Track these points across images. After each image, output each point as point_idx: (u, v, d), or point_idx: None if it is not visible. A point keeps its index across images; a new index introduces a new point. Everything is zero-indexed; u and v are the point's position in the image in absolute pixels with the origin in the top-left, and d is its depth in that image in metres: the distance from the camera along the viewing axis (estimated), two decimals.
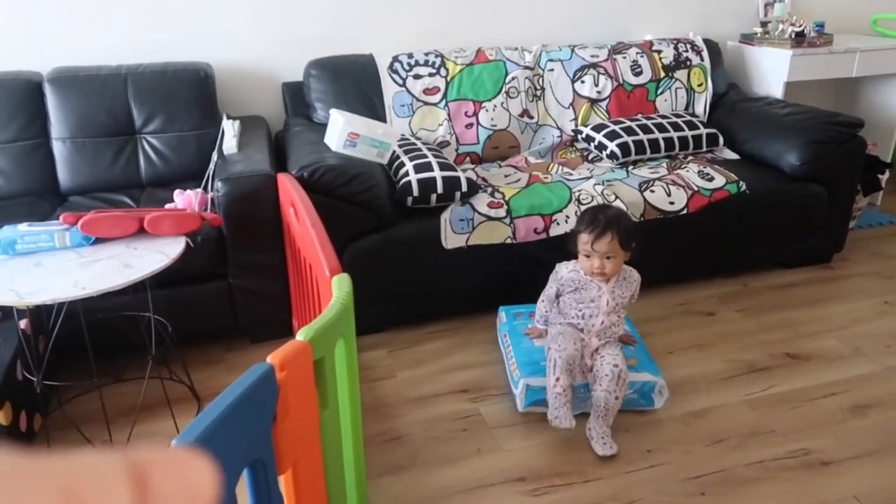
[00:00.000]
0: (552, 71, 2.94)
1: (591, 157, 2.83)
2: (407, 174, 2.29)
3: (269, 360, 1.05)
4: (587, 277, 1.95)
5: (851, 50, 3.13)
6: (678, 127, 2.83)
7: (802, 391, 2.05)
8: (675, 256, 2.59)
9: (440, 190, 2.27)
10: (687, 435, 1.86)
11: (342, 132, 2.35)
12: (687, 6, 3.33)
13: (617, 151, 2.70)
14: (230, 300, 2.20)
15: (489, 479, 1.72)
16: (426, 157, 2.37)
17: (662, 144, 2.77)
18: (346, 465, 1.42)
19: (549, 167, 2.71)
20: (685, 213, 2.47)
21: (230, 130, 2.43)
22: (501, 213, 2.33)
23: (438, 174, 2.28)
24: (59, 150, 2.47)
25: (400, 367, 2.21)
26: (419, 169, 2.30)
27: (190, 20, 2.74)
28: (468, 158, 2.81)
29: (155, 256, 1.74)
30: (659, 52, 3.06)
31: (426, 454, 1.81)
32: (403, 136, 2.67)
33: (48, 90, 2.46)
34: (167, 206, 2.16)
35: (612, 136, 2.75)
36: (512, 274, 2.36)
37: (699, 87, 3.08)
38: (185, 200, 2.14)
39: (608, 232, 1.88)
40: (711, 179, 2.55)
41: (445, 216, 2.29)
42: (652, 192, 2.47)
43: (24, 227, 1.81)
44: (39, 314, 1.99)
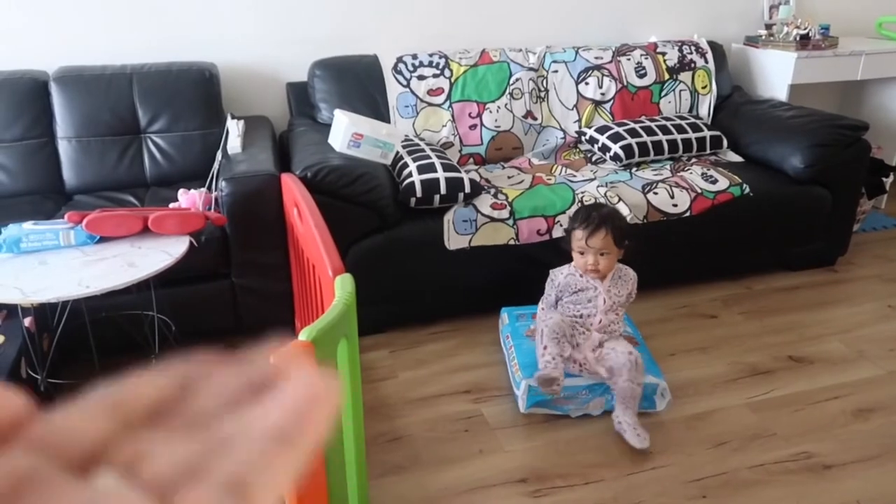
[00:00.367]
0: (556, 72, 2.94)
1: (594, 158, 2.83)
2: (410, 175, 2.30)
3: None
4: (583, 279, 1.96)
5: (856, 53, 3.12)
6: (682, 129, 2.83)
7: (805, 394, 2.05)
8: (678, 259, 2.59)
9: (443, 191, 2.27)
10: (689, 437, 1.86)
11: (346, 132, 2.36)
12: (691, 8, 3.32)
13: (620, 153, 2.70)
14: (233, 300, 2.21)
15: (491, 480, 1.72)
16: (430, 157, 2.38)
17: (666, 146, 2.77)
18: (347, 465, 1.43)
19: (552, 169, 2.71)
20: (688, 215, 2.47)
21: (234, 130, 2.43)
22: (504, 214, 2.33)
23: (442, 175, 2.29)
24: (64, 148, 2.48)
25: (402, 367, 2.21)
26: (423, 170, 2.30)
27: (195, 20, 2.75)
28: (472, 159, 2.81)
29: (159, 255, 1.75)
30: (663, 54, 3.06)
31: (428, 455, 1.81)
32: (407, 136, 2.67)
33: (54, 89, 2.47)
34: (171, 205, 2.17)
35: (615, 137, 2.75)
36: (515, 275, 2.36)
37: (703, 89, 3.08)
38: (189, 200, 2.15)
39: (602, 228, 1.90)
40: (715, 182, 2.55)
41: (449, 217, 2.30)
42: (655, 194, 2.47)
43: (29, 225, 1.82)
44: (44, 312, 2.00)
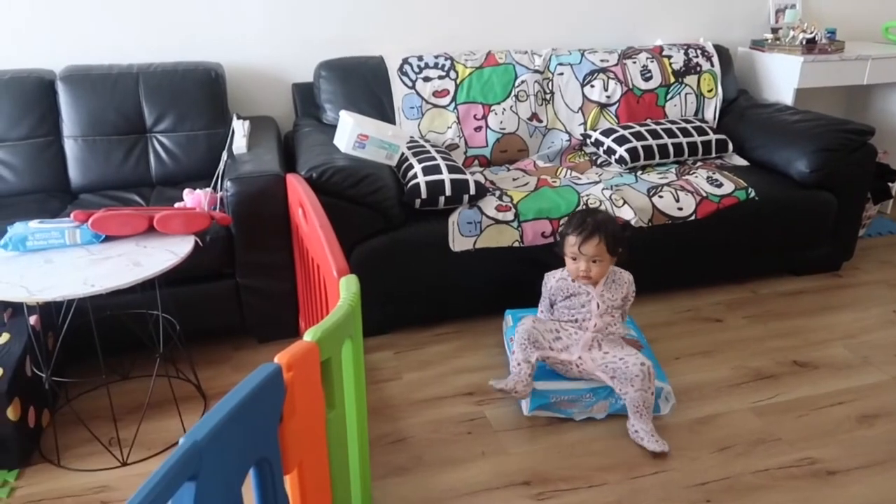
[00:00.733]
0: (562, 75, 2.94)
1: (599, 161, 2.83)
2: (415, 176, 2.30)
3: (276, 360, 1.05)
4: (575, 283, 1.96)
5: (863, 57, 3.12)
6: (687, 132, 2.83)
7: (810, 399, 2.04)
8: (682, 262, 2.58)
9: (448, 192, 2.27)
10: (693, 441, 1.86)
11: (351, 133, 2.36)
12: (698, 12, 3.32)
13: (626, 156, 2.70)
14: (238, 299, 2.21)
15: (494, 482, 1.72)
16: (435, 159, 2.38)
17: (671, 150, 2.76)
18: (351, 465, 1.43)
19: (557, 171, 2.71)
20: (693, 219, 2.47)
21: (240, 130, 2.44)
22: (509, 216, 2.33)
23: (447, 177, 2.29)
24: (70, 147, 2.49)
25: (406, 368, 2.21)
26: (428, 171, 2.30)
27: (201, 20, 2.76)
28: (477, 161, 2.81)
29: (164, 255, 1.75)
30: (669, 57, 3.06)
31: (431, 456, 1.81)
32: (412, 138, 2.68)
33: (60, 88, 2.48)
34: (177, 204, 2.17)
35: (621, 140, 2.74)
36: (519, 277, 2.36)
37: (709, 92, 3.08)
38: (194, 199, 2.15)
39: (595, 235, 1.90)
40: (720, 186, 2.55)
41: (453, 219, 2.30)
42: (660, 197, 2.46)
43: (35, 223, 1.82)
44: (49, 311, 2.01)
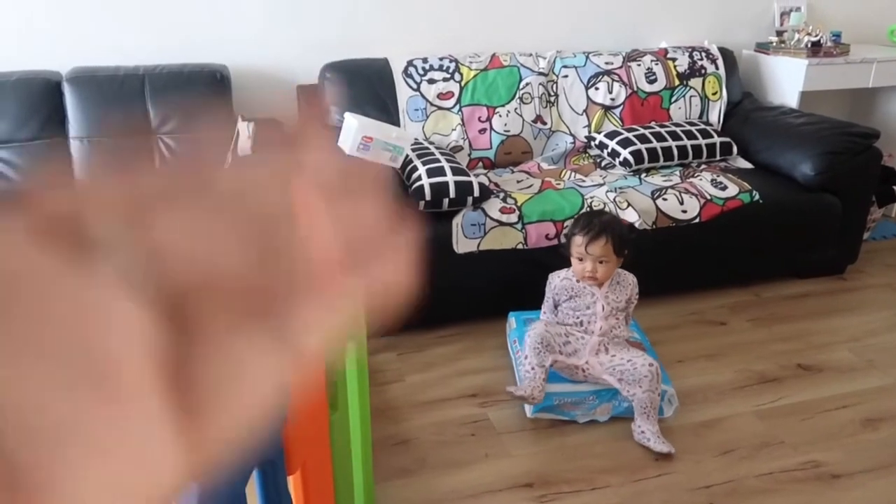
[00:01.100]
0: (566, 77, 2.94)
1: (603, 164, 2.83)
2: (419, 178, 2.30)
3: None
4: (580, 284, 1.96)
5: (868, 60, 3.11)
6: (692, 135, 2.82)
7: (814, 403, 2.03)
8: (686, 265, 2.58)
9: (452, 194, 2.27)
10: (696, 444, 1.85)
11: (356, 135, 2.35)
12: (702, 14, 3.32)
13: (630, 159, 2.69)
14: None
15: (497, 484, 1.72)
16: (439, 161, 2.38)
17: (676, 152, 2.76)
18: (354, 467, 1.43)
19: (561, 173, 2.71)
20: (698, 221, 2.46)
21: (245, 132, 2.45)
22: (513, 218, 2.33)
23: (451, 179, 2.29)
24: (76, 148, 2.50)
25: (409, 370, 2.21)
26: (432, 173, 2.31)
27: (207, 22, 2.77)
28: (481, 163, 2.81)
29: None
30: (674, 59, 3.05)
31: (434, 458, 1.81)
32: (417, 140, 2.68)
33: (67, 89, 2.49)
34: None
35: (625, 143, 2.74)
36: (523, 280, 2.35)
37: (714, 95, 3.07)
38: None
39: (602, 236, 1.90)
40: (725, 188, 2.54)
41: (457, 221, 2.30)
42: (665, 200, 2.46)
43: None
44: None
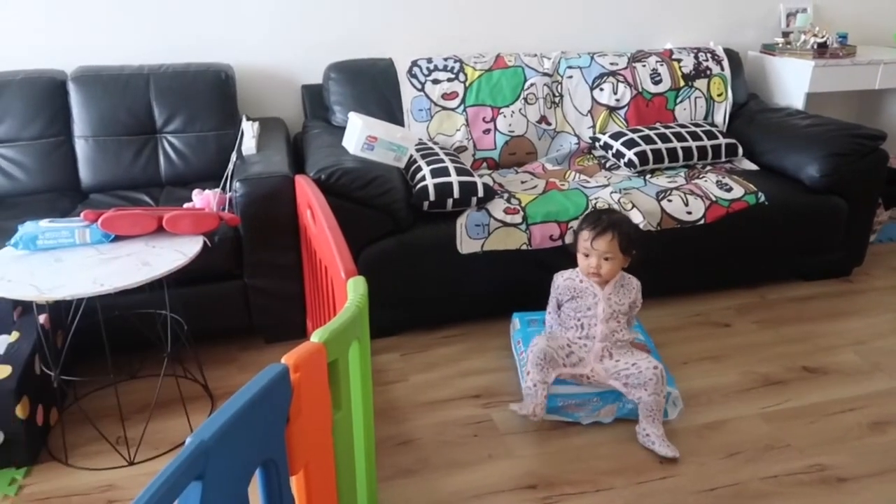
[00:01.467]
0: (571, 78, 2.93)
1: (608, 164, 2.82)
2: (424, 178, 2.30)
3: (283, 360, 1.05)
4: (583, 285, 1.95)
5: (874, 62, 3.10)
6: (697, 136, 2.81)
7: (819, 405, 2.02)
8: (691, 267, 2.57)
9: (456, 195, 2.27)
10: (701, 447, 1.85)
11: (360, 135, 2.36)
12: (708, 16, 3.31)
13: (635, 160, 2.69)
14: (245, 300, 2.22)
15: (500, 485, 1.72)
16: (443, 161, 2.38)
17: (681, 154, 2.75)
18: (357, 467, 1.42)
19: (566, 174, 2.71)
20: (703, 223, 2.45)
21: (249, 132, 2.45)
22: (517, 219, 2.33)
23: (455, 179, 2.29)
24: (81, 147, 2.51)
25: (413, 370, 2.21)
26: (436, 173, 2.30)
27: (212, 22, 2.77)
28: (485, 164, 2.81)
29: (173, 255, 1.76)
30: (679, 60, 3.04)
31: (437, 459, 1.81)
32: (421, 140, 2.68)
33: (72, 89, 2.49)
34: (186, 205, 2.18)
35: (629, 144, 2.74)
36: (527, 280, 2.35)
37: (719, 96, 3.07)
38: (203, 200, 2.16)
39: (609, 231, 1.90)
40: (730, 190, 2.53)
41: (461, 221, 2.29)
42: (669, 201, 2.45)
43: (45, 223, 1.83)
44: (58, 309, 2.02)
